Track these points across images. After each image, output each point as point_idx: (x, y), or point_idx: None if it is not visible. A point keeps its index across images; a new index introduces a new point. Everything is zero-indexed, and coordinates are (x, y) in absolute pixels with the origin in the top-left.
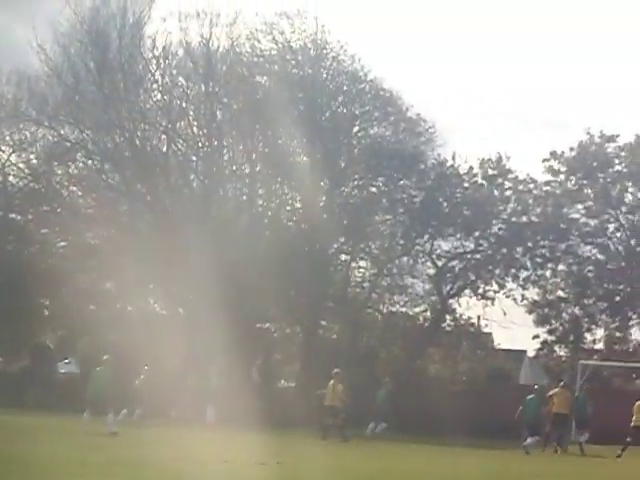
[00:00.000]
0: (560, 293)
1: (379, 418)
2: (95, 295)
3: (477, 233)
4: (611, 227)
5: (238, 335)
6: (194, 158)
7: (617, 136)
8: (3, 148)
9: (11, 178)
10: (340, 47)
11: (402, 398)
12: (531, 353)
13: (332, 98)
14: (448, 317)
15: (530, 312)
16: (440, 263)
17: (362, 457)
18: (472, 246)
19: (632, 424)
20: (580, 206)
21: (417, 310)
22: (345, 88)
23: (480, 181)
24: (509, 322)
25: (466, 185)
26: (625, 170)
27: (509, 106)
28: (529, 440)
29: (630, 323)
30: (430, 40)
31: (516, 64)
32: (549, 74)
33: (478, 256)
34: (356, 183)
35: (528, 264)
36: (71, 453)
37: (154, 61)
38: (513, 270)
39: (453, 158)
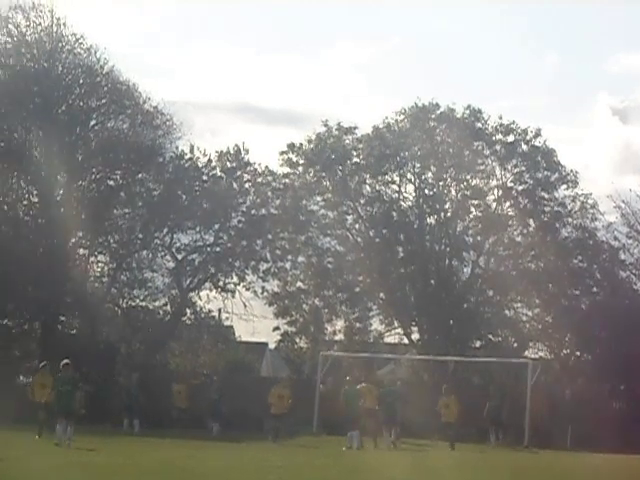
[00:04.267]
0: (300, 285)
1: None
2: None
3: (217, 226)
4: (350, 219)
5: None
6: None
7: (355, 128)
8: None
9: None
10: (76, 40)
11: (144, 393)
12: (272, 345)
13: (68, 91)
14: (188, 310)
15: (270, 304)
16: (180, 256)
17: (108, 453)
18: (212, 239)
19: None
20: (319, 198)
21: (157, 304)
22: (81, 81)
23: (219, 174)
24: (250, 315)
25: (205, 178)
26: (363, 162)
27: (249, 99)
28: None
29: (370, 314)
30: (169, 29)
31: (253, 55)
32: (286, 67)
33: (218, 249)
34: (94, 177)
35: (268, 256)
36: None
37: None
38: (253, 262)
39: (191, 151)
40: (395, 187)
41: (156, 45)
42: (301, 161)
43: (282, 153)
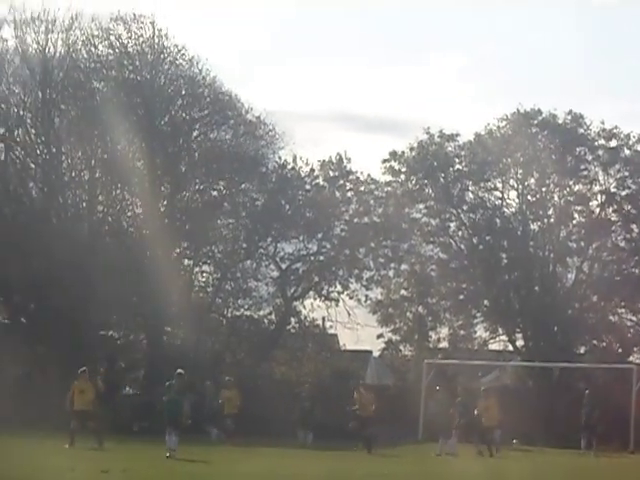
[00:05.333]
0: (403, 292)
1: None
2: None
3: (320, 235)
4: (452, 226)
5: (81, 343)
6: (32, 166)
7: (457, 135)
8: None
9: None
10: (177, 51)
11: (248, 402)
12: (376, 353)
13: (170, 102)
14: (293, 319)
15: (374, 312)
16: (284, 265)
17: (210, 462)
18: (315, 248)
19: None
20: (421, 206)
21: (262, 313)
22: (183, 92)
23: (321, 183)
24: (353, 323)
25: (308, 187)
26: (465, 169)
27: (348, 107)
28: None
29: (474, 321)
30: (257, 39)
31: (351, 64)
32: (386, 74)
33: (321, 258)
34: (197, 187)
35: (371, 264)
36: None
37: None
38: (356, 271)
39: (294, 160)
40: (498, 194)
41: (256, 55)
42: (403, 169)
43: (384, 161)
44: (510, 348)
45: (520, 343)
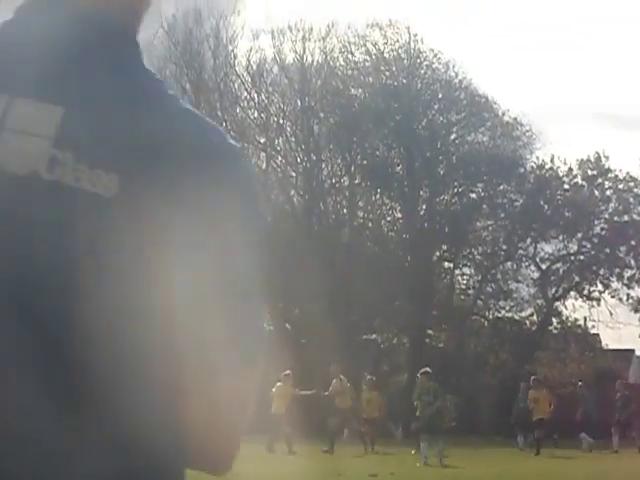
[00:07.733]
0: None
1: None
2: None
3: (579, 234)
4: None
5: (345, 347)
6: (293, 174)
7: None
8: None
9: None
10: (434, 55)
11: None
12: (639, 352)
13: (428, 107)
14: (555, 320)
15: (636, 311)
16: (544, 266)
17: (474, 463)
18: (575, 247)
19: None
20: None
21: (523, 314)
22: (440, 96)
23: (580, 182)
24: (615, 322)
25: (566, 187)
26: None
27: (604, 105)
28: None
29: None
30: (515, 40)
31: (604, 61)
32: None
33: (582, 257)
34: (455, 190)
35: (632, 263)
36: None
37: (249, 79)
38: (617, 269)
39: (552, 160)
40: None
41: (509, 55)
42: None
43: None
44: None
45: None
